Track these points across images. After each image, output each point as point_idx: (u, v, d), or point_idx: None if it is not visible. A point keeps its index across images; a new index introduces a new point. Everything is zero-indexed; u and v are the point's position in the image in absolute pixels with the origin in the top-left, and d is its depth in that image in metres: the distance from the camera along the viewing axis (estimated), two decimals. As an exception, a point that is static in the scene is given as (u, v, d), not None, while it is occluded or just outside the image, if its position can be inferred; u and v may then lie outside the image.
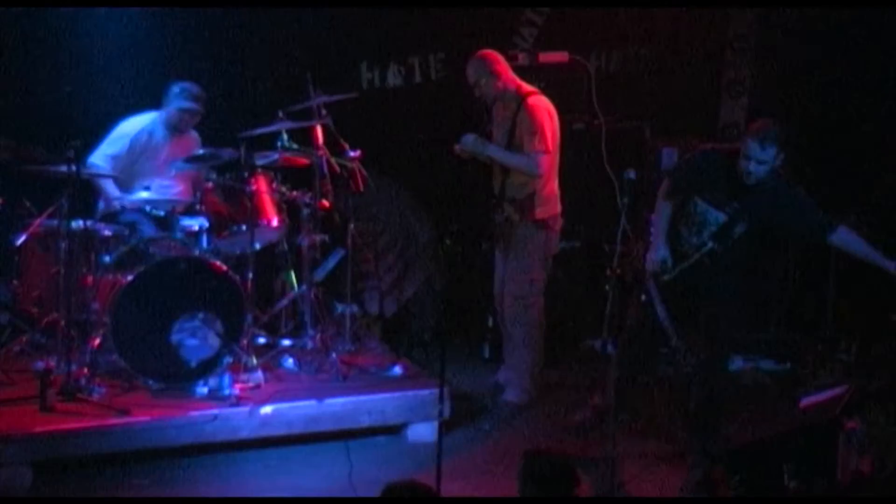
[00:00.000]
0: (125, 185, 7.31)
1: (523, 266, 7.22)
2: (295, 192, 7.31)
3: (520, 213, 7.17)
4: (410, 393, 6.75)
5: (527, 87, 7.22)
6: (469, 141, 7.17)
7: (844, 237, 6.10)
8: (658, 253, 6.25)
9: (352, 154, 7.27)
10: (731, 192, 6.05)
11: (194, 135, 7.57)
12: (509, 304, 7.32)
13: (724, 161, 6.13)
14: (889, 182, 8.10)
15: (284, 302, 7.48)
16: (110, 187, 7.23)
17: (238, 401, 6.46)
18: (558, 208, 7.26)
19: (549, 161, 7.09)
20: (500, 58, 7.23)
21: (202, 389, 6.58)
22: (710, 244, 6.09)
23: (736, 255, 6.12)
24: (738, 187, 6.04)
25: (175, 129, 7.43)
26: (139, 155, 7.35)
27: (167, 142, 7.44)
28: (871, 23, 8.09)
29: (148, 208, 7.12)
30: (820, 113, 8.47)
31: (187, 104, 7.34)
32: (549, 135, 7.07)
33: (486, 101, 7.24)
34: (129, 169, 7.33)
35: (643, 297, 6.26)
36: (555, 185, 7.23)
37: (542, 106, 7.14)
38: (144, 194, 7.11)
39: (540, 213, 7.16)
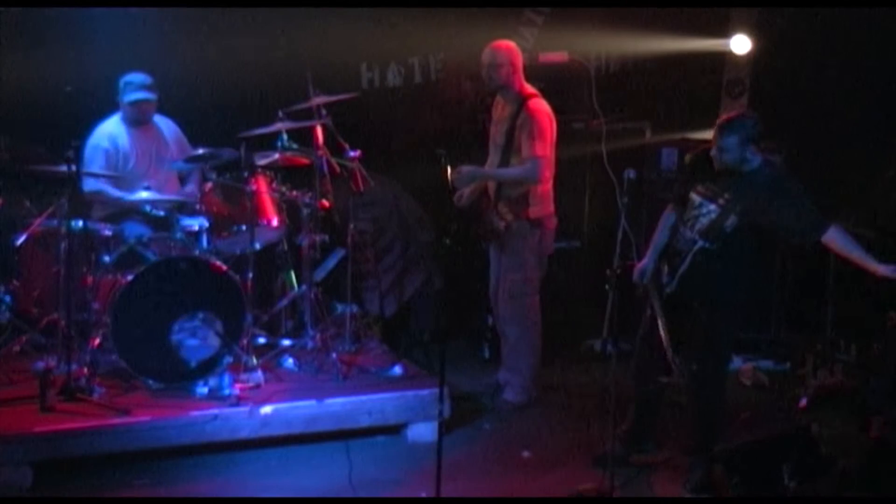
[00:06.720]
0: (127, 188, 7.27)
1: (517, 265, 7.21)
2: (295, 192, 7.31)
3: (513, 213, 7.17)
4: (410, 393, 6.75)
5: (529, 88, 7.21)
6: (464, 175, 7.15)
7: (835, 236, 6.03)
8: (643, 262, 6.25)
9: (352, 154, 7.27)
10: (725, 184, 6.02)
11: (163, 120, 7.46)
12: (504, 304, 7.33)
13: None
14: (889, 181, 8.08)
15: (284, 302, 7.48)
16: (112, 190, 7.20)
17: (238, 401, 6.46)
18: (552, 207, 7.26)
19: (548, 165, 7.09)
20: (520, 55, 7.21)
21: (202, 389, 6.58)
22: (702, 242, 6.04)
23: (729, 254, 6.07)
24: (731, 179, 6.02)
25: (136, 122, 7.32)
26: (118, 160, 7.25)
27: (136, 136, 7.32)
28: (871, 22, 8.08)
29: (148, 208, 7.12)
30: (820, 112, 8.46)
31: (135, 96, 7.21)
32: (549, 139, 7.08)
33: (489, 87, 7.23)
34: (123, 172, 7.25)
35: (648, 312, 6.25)
36: (549, 184, 7.22)
37: (544, 110, 7.13)
38: (144, 194, 7.11)
39: (534, 211, 7.16)
